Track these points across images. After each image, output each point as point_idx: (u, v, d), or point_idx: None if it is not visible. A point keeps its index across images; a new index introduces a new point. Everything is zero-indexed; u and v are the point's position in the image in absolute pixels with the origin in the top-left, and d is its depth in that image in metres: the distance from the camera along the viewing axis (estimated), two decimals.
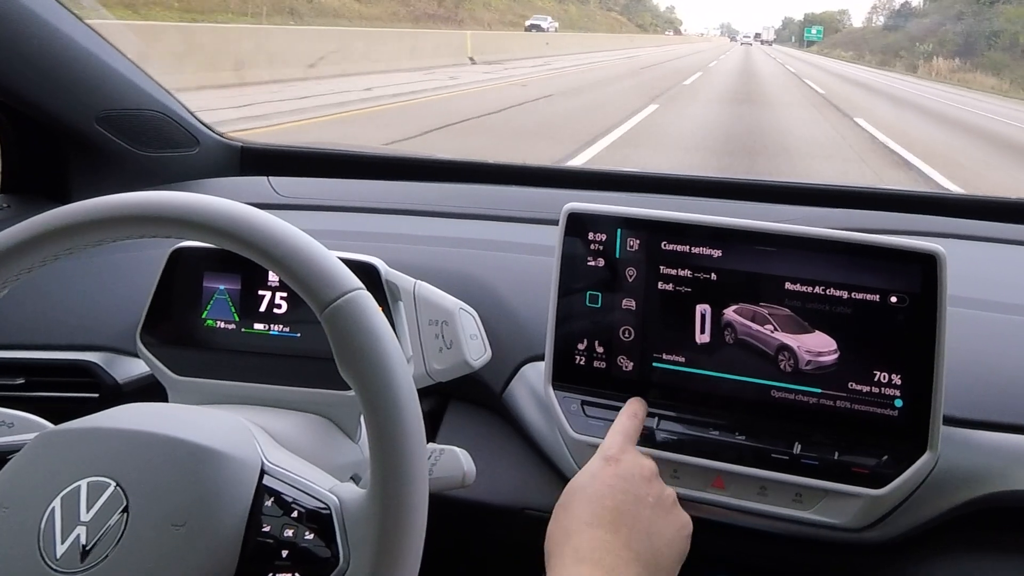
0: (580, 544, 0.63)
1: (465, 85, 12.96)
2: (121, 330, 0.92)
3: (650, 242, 0.78)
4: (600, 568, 0.61)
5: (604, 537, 0.63)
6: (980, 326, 0.87)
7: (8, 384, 0.93)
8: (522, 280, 0.96)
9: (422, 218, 1.22)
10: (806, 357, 0.74)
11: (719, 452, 0.76)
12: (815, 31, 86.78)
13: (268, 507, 0.58)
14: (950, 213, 1.21)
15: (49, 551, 0.55)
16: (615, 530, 0.64)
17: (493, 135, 7.71)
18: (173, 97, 1.31)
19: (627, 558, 0.62)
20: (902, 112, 14.33)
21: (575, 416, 0.80)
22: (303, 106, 8.44)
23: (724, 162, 7.07)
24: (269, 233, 0.57)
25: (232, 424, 0.64)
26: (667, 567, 0.66)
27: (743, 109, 12.07)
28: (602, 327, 0.80)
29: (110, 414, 0.63)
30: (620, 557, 0.62)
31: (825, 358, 0.74)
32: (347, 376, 0.56)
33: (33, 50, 1.08)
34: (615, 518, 0.65)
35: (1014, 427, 0.76)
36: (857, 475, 0.72)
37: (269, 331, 0.80)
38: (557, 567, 0.62)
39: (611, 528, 0.64)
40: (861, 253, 0.73)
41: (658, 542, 0.66)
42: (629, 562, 0.62)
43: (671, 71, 20.99)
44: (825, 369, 0.74)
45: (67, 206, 0.59)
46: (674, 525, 0.68)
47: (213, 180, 1.35)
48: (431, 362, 0.81)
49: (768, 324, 0.75)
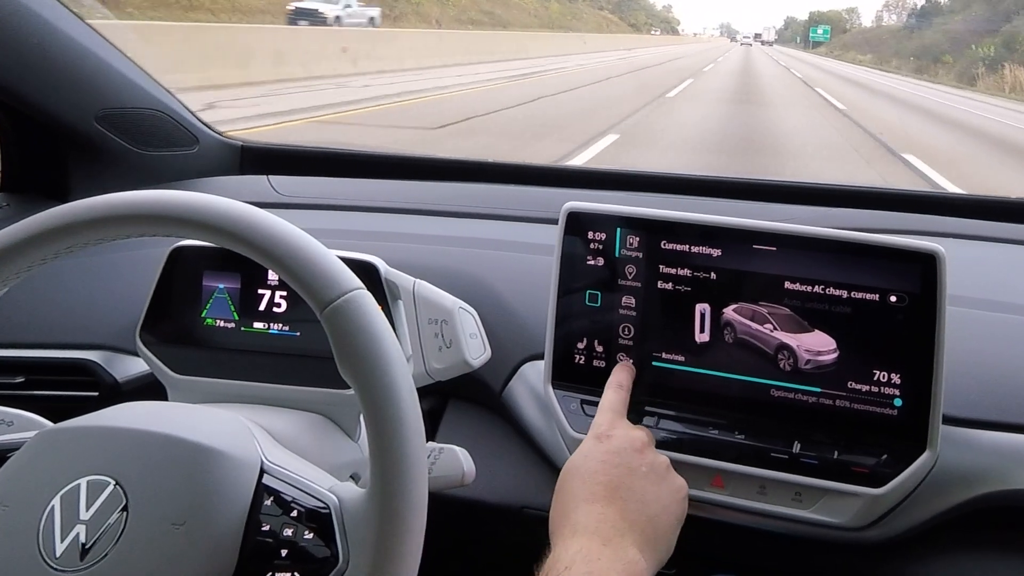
0: (577, 519, 0.65)
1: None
2: (120, 329, 0.92)
3: (650, 241, 0.78)
4: (597, 537, 0.63)
5: (600, 510, 0.65)
6: (980, 326, 0.87)
7: (8, 382, 0.93)
8: (522, 279, 0.96)
9: (421, 217, 1.22)
10: (805, 356, 0.74)
11: (718, 451, 0.76)
12: (821, 31, 79.75)
13: (267, 506, 0.58)
14: (950, 212, 1.21)
15: (49, 549, 0.55)
16: (610, 503, 0.66)
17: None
18: (173, 96, 1.31)
19: (623, 528, 0.64)
20: (988, 152, 8.89)
21: (574, 415, 0.80)
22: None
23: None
24: (269, 232, 0.57)
25: (232, 423, 0.64)
26: (664, 532, 0.68)
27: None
28: (601, 326, 0.80)
29: (109, 413, 0.63)
30: (616, 527, 0.64)
31: (825, 357, 0.74)
32: (347, 375, 0.56)
33: (33, 49, 1.08)
34: (609, 492, 0.66)
35: (1013, 426, 0.76)
36: (857, 474, 0.72)
37: (269, 330, 0.80)
38: (557, 545, 0.64)
39: (606, 502, 0.66)
40: (861, 252, 0.73)
41: (654, 508, 0.67)
42: (624, 531, 0.64)
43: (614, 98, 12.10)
44: (824, 368, 0.74)
45: (67, 205, 0.59)
46: (669, 490, 0.70)
47: (213, 179, 1.35)
48: (431, 361, 0.81)
49: (768, 323, 0.75)
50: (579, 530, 0.64)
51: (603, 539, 0.63)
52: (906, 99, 17.62)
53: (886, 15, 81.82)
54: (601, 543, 0.62)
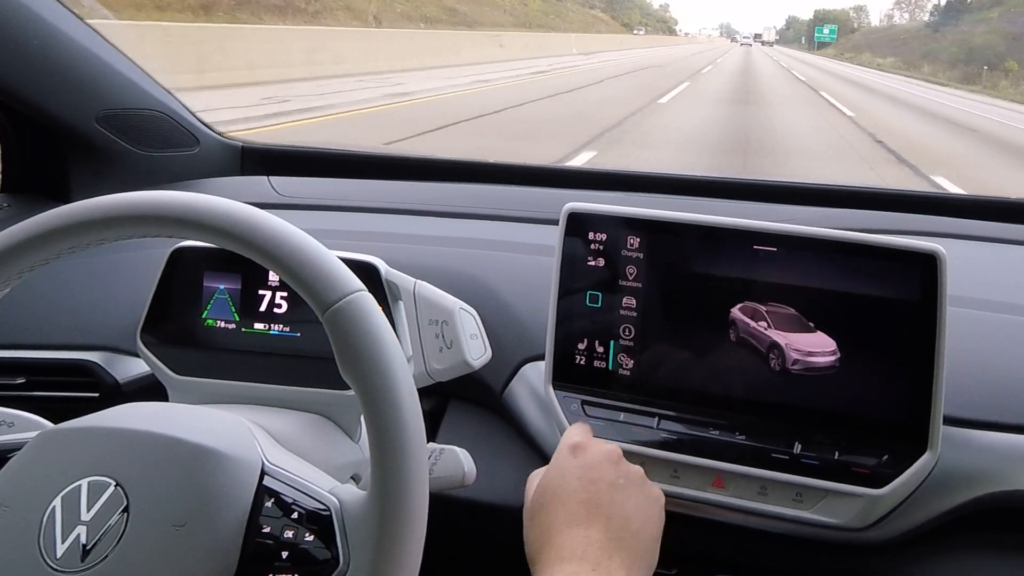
0: (562, 544, 0.64)
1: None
2: (121, 330, 0.92)
3: (650, 242, 0.78)
4: (585, 563, 0.62)
5: (584, 533, 0.64)
6: (980, 326, 0.87)
7: (8, 383, 0.93)
8: (522, 280, 0.96)
9: (422, 218, 1.22)
10: (793, 356, 0.74)
11: (719, 452, 0.76)
12: (828, 31, 72.70)
13: (268, 508, 0.58)
14: (950, 213, 1.21)
15: (49, 550, 0.55)
16: (593, 523, 0.65)
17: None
18: (173, 97, 1.31)
19: (610, 549, 0.64)
20: None
21: (575, 416, 0.80)
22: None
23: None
24: (270, 233, 0.57)
25: (232, 424, 0.64)
26: (648, 545, 0.68)
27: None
28: (602, 327, 0.80)
29: (110, 414, 0.63)
30: (603, 549, 0.63)
31: (819, 359, 0.73)
32: (348, 377, 0.56)
33: (33, 50, 1.08)
34: (591, 511, 0.66)
35: (1014, 427, 0.76)
36: (857, 475, 0.72)
37: (269, 331, 0.80)
38: (543, 572, 0.63)
39: (589, 522, 0.65)
40: (862, 253, 0.73)
41: (636, 522, 0.67)
42: (612, 552, 0.63)
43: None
44: (817, 371, 0.73)
45: (67, 206, 0.59)
46: (648, 501, 0.70)
47: (214, 180, 1.35)
48: (431, 362, 0.81)
49: (763, 321, 0.75)
50: (565, 556, 0.63)
51: (592, 564, 0.62)
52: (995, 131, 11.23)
53: (897, 14, 75.22)
54: (590, 568, 0.61)
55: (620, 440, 0.77)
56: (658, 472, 0.77)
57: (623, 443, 0.77)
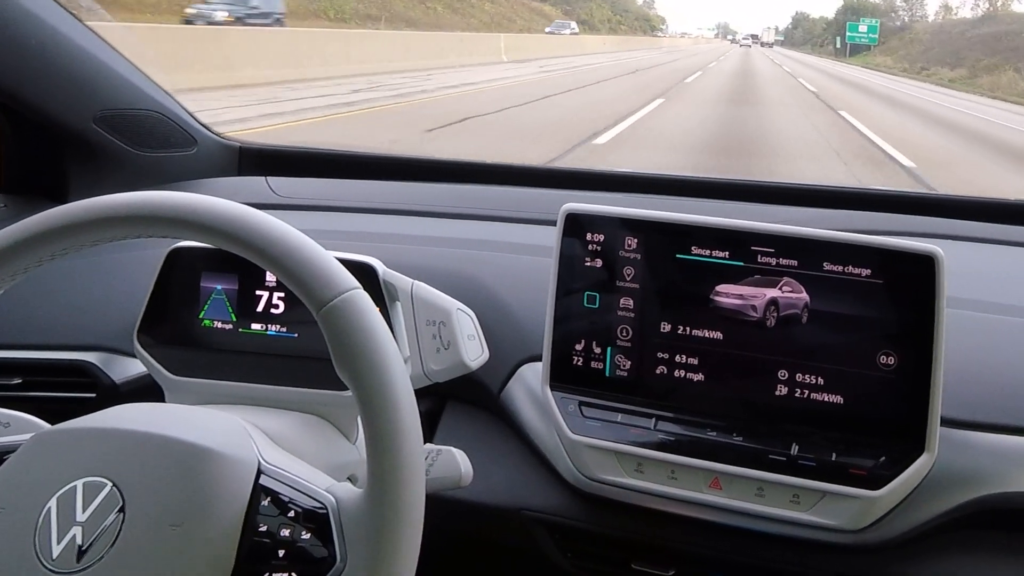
0: None
1: None
2: (118, 330, 0.92)
3: (648, 242, 0.78)
4: None
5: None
6: (977, 327, 0.87)
7: (5, 384, 0.93)
8: (520, 281, 0.96)
9: (420, 218, 1.22)
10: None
11: (716, 453, 0.76)
12: (865, 27, 41.04)
13: (265, 507, 0.57)
14: (946, 214, 1.21)
15: (45, 551, 0.55)
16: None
17: None
18: (171, 97, 1.31)
19: None
20: None
21: (572, 417, 0.80)
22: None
23: None
24: (266, 233, 0.57)
25: (229, 424, 0.64)
26: None
27: None
28: (600, 327, 0.80)
29: (107, 414, 0.63)
30: None
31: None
32: (344, 376, 0.56)
33: (32, 50, 1.08)
34: None
35: (1011, 428, 0.76)
36: (855, 476, 0.72)
37: (266, 331, 0.80)
38: None
39: None
40: (859, 254, 0.73)
41: None
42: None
43: None
44: (820, 372, 0.74)
45: (65, 206, 0.59)
46: None
47: (211, 180, 1.35)
48: (428, 362, 0.81)
49: (755, 287, 0.75)
50: None
51: None
52: None
53: (962, 8, 45.27)
54: None
55: (617, 441, 0.77)
56: (655, 473, 0.77)
57: (620, 444, 0.77)
